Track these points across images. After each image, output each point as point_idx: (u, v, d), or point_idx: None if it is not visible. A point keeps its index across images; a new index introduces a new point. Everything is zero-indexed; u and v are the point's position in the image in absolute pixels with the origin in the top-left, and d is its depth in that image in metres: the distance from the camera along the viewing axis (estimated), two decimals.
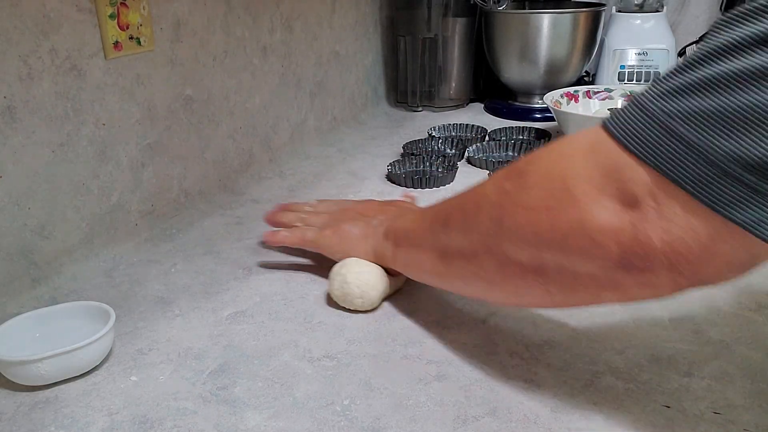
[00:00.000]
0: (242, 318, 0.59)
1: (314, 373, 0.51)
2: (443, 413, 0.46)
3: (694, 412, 0.45)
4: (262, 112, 0.97)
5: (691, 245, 0.35)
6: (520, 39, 1.20)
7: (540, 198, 0.41)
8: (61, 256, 0.66)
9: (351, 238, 0.63)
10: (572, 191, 0.39)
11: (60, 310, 0.55)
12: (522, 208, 0.42)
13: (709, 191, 0.33)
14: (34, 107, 0.61)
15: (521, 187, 0.43)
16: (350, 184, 0.92)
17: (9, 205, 0.60)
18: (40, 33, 0.61)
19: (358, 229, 0.63)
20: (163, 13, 0.76)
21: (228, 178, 0.91)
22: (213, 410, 0.47)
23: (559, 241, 0.40)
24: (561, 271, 0.41)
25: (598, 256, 0.38)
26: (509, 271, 0.45)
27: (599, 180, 0.38)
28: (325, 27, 1.12)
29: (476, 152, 0.99)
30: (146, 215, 0.77)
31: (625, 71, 1.27)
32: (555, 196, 0.40)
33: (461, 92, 1.33)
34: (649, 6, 1.29)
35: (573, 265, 0.40)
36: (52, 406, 0.48)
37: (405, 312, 0.59)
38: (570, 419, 0.45)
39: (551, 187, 0.41)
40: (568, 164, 0.41)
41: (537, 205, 0.41)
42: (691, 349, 0.52)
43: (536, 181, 0.42)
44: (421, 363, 0.52)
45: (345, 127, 1.21)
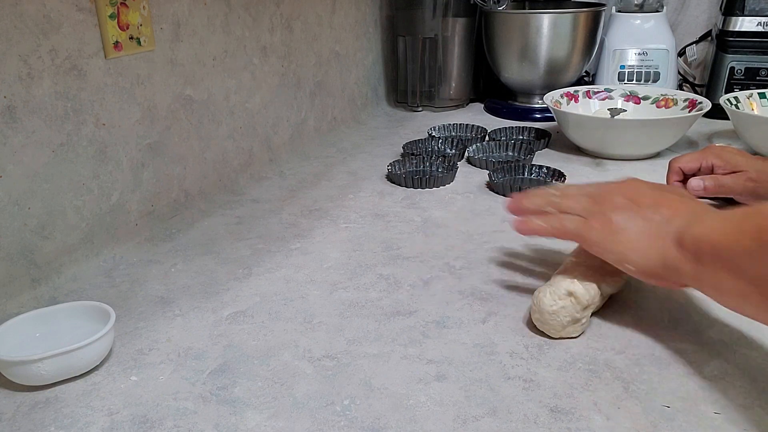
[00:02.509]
0: (242, 318, 0.59)
1: (314, 373, 0.51)
2: (443, 413, 0.46)
3: (694, 412, 0.45)
4: (262, 112, 0.97)
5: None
6: (520, 39, 1.20)
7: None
8: (61, 256, 0.66)
9: (629, 236, 0.51)
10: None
11: (60, 310, 0.55)
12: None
13: None
14: (34, 107, 0.61)
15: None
16: (350, 184, 0.92)
17: (9, 205, 0.60)
18: (40, 33, 0.61)
19: (636, 224, 0.50)
20: (163, 13, 0.76)
21: (228, 178, 0.91)
22: (213, 410, 0.47)
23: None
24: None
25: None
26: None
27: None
28: (325, 27, 1.12)
29: (476, 152, 0.99)
30: (146, 215, 0.77)
31: (625, 71, 1.27)
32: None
33: (461, 92, 1.33)
34: (649, 6, 1.29)
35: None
36: (52, 406, 0.48)
37: (405, 312, 0.59)
38: (570, 419, 0.45)
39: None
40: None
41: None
42: (691, 349, 0.52)
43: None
44: (421, 363, 0.52)
45: (345, 127, 1.21)
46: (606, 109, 1.10)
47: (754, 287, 0.41)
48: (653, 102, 1.08)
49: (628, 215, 0.52)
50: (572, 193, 0.57)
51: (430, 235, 0.75)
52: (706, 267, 0.45)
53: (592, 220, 0.53)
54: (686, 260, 0.47)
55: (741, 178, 0.75)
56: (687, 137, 1.06)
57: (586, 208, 0.55)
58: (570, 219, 0.55)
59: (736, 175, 0.76)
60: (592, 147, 1.00)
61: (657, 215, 0.51)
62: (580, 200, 0.56)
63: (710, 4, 1.35)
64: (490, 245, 0.72)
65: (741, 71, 1.18)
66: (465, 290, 0.62)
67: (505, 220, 0.78)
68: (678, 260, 0.47)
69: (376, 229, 0.77)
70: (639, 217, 0.51)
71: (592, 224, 0.53)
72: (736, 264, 0.42)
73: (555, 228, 0.55)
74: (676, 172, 0.80)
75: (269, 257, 0.71)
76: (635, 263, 0.50)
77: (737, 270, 0.42)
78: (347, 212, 0.82)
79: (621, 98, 1.11)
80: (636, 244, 0.50)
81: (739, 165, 0.76)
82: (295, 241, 0.75)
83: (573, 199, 0.56)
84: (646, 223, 0.50)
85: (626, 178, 0.57)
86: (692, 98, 1.03)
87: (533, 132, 1.08)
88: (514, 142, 1.02)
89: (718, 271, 0.44)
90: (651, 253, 0.49)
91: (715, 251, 0.44)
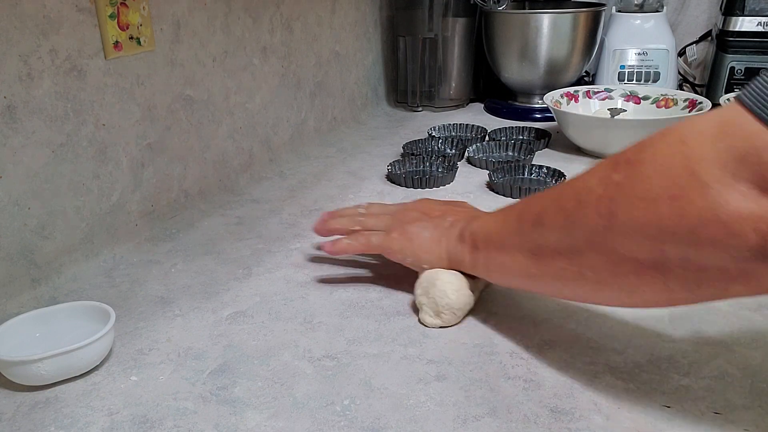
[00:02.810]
0: (242, 318, 0.59)
1: (314, 373, 0.51)
2: (443, 413, 0.46)
3: (694, 412, 0.45)
4: (262, 112, 0.97)
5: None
6: (520, 39, 1.20)
7: (661, 187, 0.38)
8: (61, 256, 0.66)
9: (422, 240, 0.59)
10: (701, 177, 0.36)
11: (60, 310, 0.55)
12: (639, 200, 0.39)
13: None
14: (34, 107, 0.61)
15: (635, 177, 0.40)
16: (350, 184, 0.92)
17: (9, 205, 0.60)
18: (40, 33, 0.61)
19: (428, 231, 0.59)
20: (163, 14, 0.76)
21: (228, 178, 0.91)
22: (213, 410, 0.47)
23: (686, 232, 0.37)
24: (685, 264, 0.38)
25: (732, 246, 0.35)
26: (623, 268, 0.42)
27: (733, 164, 0.35)
28: (325, 27, 1.12)
29: (476, 152, 0.99)
30: (146, 215, 0.77)
31: (625, 71, 1.27)
32: (679, 184, 0.37)
33: (461, 92, 1.33)
34: (649, 6, 1.29)
35: (700, 258, 0.37)
36: (52, 406, 0.48)
37: (405, 312, 0.59)
38: (570, 419, 0.45)
39: (673, 174, 0.38)
40: (691, 149, 0.37)
41: (658, 195, 0.38)
42: (691, 349, 0.52)
43: (654, 169, 0.39)
44: (421, 363, 0.52)
45: (345, 127, 1.21)
46: (606, 109, 1.10)
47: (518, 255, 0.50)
48: (653, 102, 1.08)
49: (422, 225, 0.60)
50: (375, 212, 0.66)
51: None
52: (481, 252, 0.54)
53: (393, 232, 0.61)
54: (466, 251, 0.56)
55: None
56: None
57: (387, 224, 0.63)
58: (375, 234, 0.62)
59: None
60: (592, 147, 1.00)
61: (444, 222, 0.60)
62: (382, 218, 0.64)
63: (710, 4, 1.35)
64: None
65: (741, 71, 1.18)
66: None
67: None
68: (459, 252, 0.56)
69: None
70: (430, 225, 0.60)
71: (392, 236, 0.61)
72: (506, 242, 0.51)
73: (362, 244, 0.63)
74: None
75: (269, 257, 0.71)
76: (428, 262, 0.58)
77: (508, 246, 0.51)
78: None
79: (621, 98, 1.11)
80: (428, 247, 0.59)
81: None
82: (295, 241, 0.75)
83: (376, 218, 0.65)
84: (436, 229, 0.59)
85: (420, 199, 0.68)
86: (692, 98, 1.03)
87: (533, 132, 1.08)
88: (514, 142, 1.02)
89: (492, 252, 0.53)
90: (440, 252, 0.58)
91: (488, 237, 0.54)
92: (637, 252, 0.40)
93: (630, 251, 0.41)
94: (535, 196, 0.52)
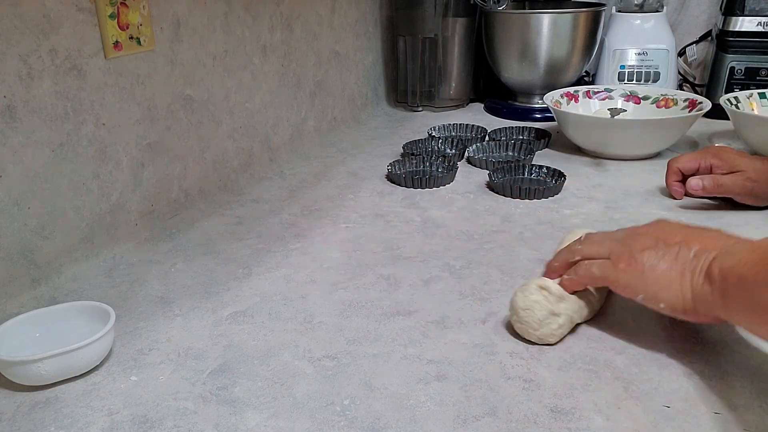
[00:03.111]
0: (242, 318, 0.59)
1: (314, 373, 0.51)
2: (443, 413, 0.46)
3: (694, 412, 0.45)
4: (262, 112, 0.97)
5: None
6: (520, 39, 1.20)
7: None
8: (61, 256, 0.66)
9: (657, 274, 0.50)
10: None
11: (60, 310, 0.55)
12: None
13: None
14: (34, 107, 0.61)
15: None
16: (350, 184, 0.92)
17: (9, 205, 0.60)
18: (40, 33, 0.61)
19: (665, 262, 0.50)
20: (163, 13, 0.76)
21: (228, 178, 0.91)
22: (213, 410, 0.47)
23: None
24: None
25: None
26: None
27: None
28: (325, 27, 1.12)
29: (476, 152, 0.99)
30: (146, 215, 0.77)
31: (625, 71, 1.27)
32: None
33: (461, 92, 1.33)
34: (649, 6, 1.29)
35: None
36: (52, 406, 0.48)
37: (405, 312, 0.59)
38: (570, 419, 0.45)
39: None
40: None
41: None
42: (691, 349, 0.52)
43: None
44: (421, 363, 0.52)
45: (345, 127, 1.21)
46: (606, 109, 1.10)
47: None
48: (653, 102, 1.08)
49: (657, 254, 0.51)
50: (597, 239, 0.57)
51: (430, 235, 0.75)
52: (733, 300, 0.45)
53: (620, 262, 0.52)
54: (714, 293, 0.46)
55: (739, 177, 0.76)
56: (687, 137, 1.06)
57: (612, 250, 0.53)
58: (597, 264, 0.53)
59: (735, 174, 0.76)
60: (592, 147, 1.00)
61: (686, 251, 0.50)
62: (606, 244, 0.55)
63: (710, 4, 1.35)
64: (490, 245, 0.72)
65: (741, 71, 1.18)
66: (465, 290, 0.62)
67: (505, 220, 0.78)
68: (707, 294, 0.47)
69: (376, 229, 0.77)
70: (668, 255, 0.50)
71: (619, 266, 0.52)
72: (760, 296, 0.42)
73: (582, 276, 0.54)
74: (675, 172, 0.80)
75: (269, 257, 0.71)
76: (666, 301, 0.49)
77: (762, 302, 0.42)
78: (347, 212, 0.82)
79: (621, 98, 1.11)
80: (665, 283, 0.49)
81: (737, 165, 0.76)
82: (295, 241, 0.75)
83: (597, 245, 0.55)
84: (676, 261, 0.50)
85: (655, 220, 0.57)
86: (692, 98, 1.03)
87: (533, 132, 1.08)
88: (514, 142, 1.02)
89: (745, 303, 0.44)
90: (681, 290, 0.49)
91: (741, 283, 0.44)
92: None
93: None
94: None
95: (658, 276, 0.50)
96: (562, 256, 0.58)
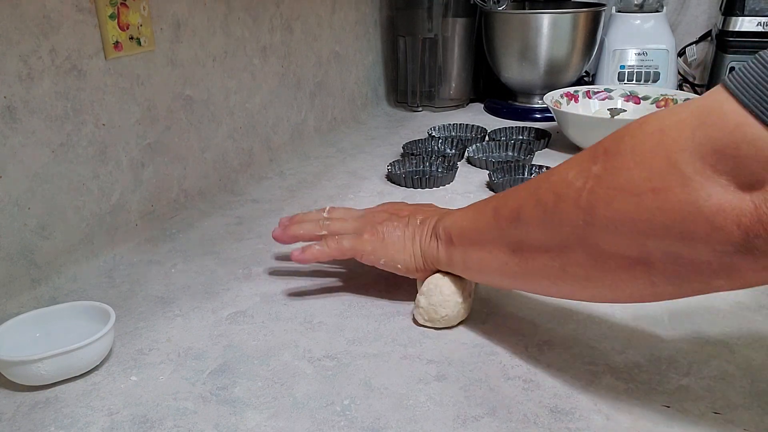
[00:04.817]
0: (242, 318, 0.59)
1: (314, 373, 0.51)
2: (443, 413, 0.46)
3: (694, 412, 0.45)
4: (262, 112, 0.97)
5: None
6: (520, 39, 1.20)
7: (641, 179, 0.37)
8: (61, 256, 0.66)
9: (394, 239, 0.58)
10: (681, 169, 0.35)
11: (60, 310, 0.55)
12: (619, 192, 0.38)
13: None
14: (34, 107, 0.61)
15: (614, 168, 0.39)
16: (350, 184, 0.92)
17: (9, 205, 0.60)
18: (40, 33, 0.61)
19: (399, 230, 0.58)
20: (163, 14, 0.76)
21: (228, 178, 0.91)
22: (213, 410, 0.47)
23: (668, 226, 0.36)
24: (669, 259, 0.37)
25: (715, 240, 0.35)
26: (607, 264, 0.40)
27: (712, 156, 0.34)
28: (325, 27, 1.12)
29: (476, 152, 0.99)
30: (146, 215, 0.77)
31: (625, 71, 1.27)
32: (659, 176, 0.36)
33: (461, 92, 1.33)
34: (649, 6, 1.29)
35: (683, 252, 0.36)
36: (52, 406, 0.48)
37: (405, 312, 0.59)
38: (570, 419, 0.45)
39: (653, 165, 0.36)
40: (671, 138, 0.36)
41: (638, 188, 0.37)
42: (691, 349, 0.52)
43: (633, 160, 0.38)
44: (421, 363, 0.52)
45: (345, 127, 1.21)
46: (606, 109, 1.10)
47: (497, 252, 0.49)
48: (653, 102, 1.08)
49: (393, 224, 0.59)
50: (341, 215, 0.64)
51: None
52: (457, 247, 0.53)
53: (364, 234, 0.59)
54: (441, 247, 0.55)
55: None
56: None
57: (356, 226, 0.61)
58: (346, 238, 0.60)
59: None
60: None
61: (415, 220, 0.58)
62: (350, 221, 0.62)
63: (710, 4, 1.36)
64: None
65: None
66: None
67: None
68: (434, 249, 0.55)
69: None
70: (401, 223, 0.59)
71: (364, 238, 0.59)
72: (483, 237, 0.50)
73: (334, 249, 0.60)
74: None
75: (269, 257, 0.71)
76: (402, 262, 0.58)
77: (485, 241, 0.50)
78: None
79: (621, 98, 1.11)
80: (400, 246, 0.57)
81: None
82: None
83: (343, 221, 0.62)
84: (408, 227, 0.58)
85: (385, 202, 0.67)
86: (692, 98, 1.03)
87: (533, 132, 1.08)
88: (514, 142, 1.02)
89: (468, 247, 0.52)
90: (413, 250, 0.57)
91: (463, 232, 0.53)
92: (619, 247, 0.39)
93: (612, 246, 0.40)
94: (511, 190, 0.50)
95: (394, 241, 0.58)
96: (307, 227, 0.63)
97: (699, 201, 0.35)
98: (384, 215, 0.61)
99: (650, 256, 0.38)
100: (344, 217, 0.63)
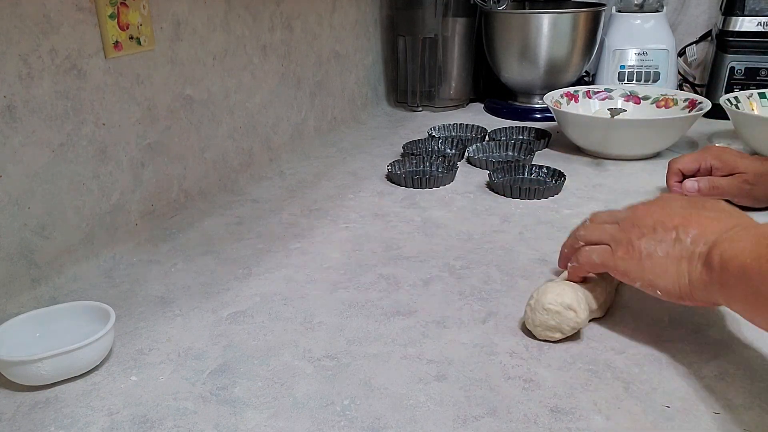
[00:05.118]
0: (242, 318, 0.59)
1: (314, 373, 0.51)
2: (443, 413, 0.46)
3: (694, 412, 0.45)
4: (262, 112, 0.97)
5: None
6: (520, 39, 1.20)
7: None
8: (61, 256, 0.66)
9: (654, 261, 0.49)
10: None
11: (60, 310, 0.55)
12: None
13: None
14: (34, 107, 0.61)
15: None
16: (350, 184, 0.92)
17: (9, 205, 0.60)
18: (40, 33, 0.61)
19: (662, 248, 0.49)
20: (163, 13, 0.76)
21: (228, 178, 0.91)
22: (213, 410, 0.47)
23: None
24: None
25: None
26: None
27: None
28: (325, 26, 1.12)
29: (476, 152, 0.99)
30: (146, 215, 0.77)
31: (625, 71, 1.27)
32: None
33: (461, 92, 1.33)
34: (649, 6, 1.29)
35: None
36: (52, 406, 0.48)
37: (405, 312, 0.59)
38: (570, 419, 0.45)
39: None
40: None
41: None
42: (691, 349, 0.52)
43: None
44: (421, 363, 0.52)
45: (345, 127, 1.21)
46: (606, 109, 1.10)
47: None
48: (653, 102, 1.08)
49: (654, 240, 0.50)
50: (600, 221, 0.57)
51: (430, 235, 0.75)
52: (733, 289, 0.44)
53: (618, 249, 0.52)
54: (713, 280, 0.46)
55: (737, 180, 0.76)
56: (687, 137, 1.06)
57: (613, 236, 0.53)
58: (596, 251, 0.54)
59: (732, 177, 0.76)
60: (592, 147, 1.00)
61: (684, 236, 0.49)
62: (607, 229, 0.55)
63: (710, 4, 1.36)
64: (490, 245, 0.72)
65: (741, 71, 1.18)
66: (465, 290, 0.62)
67: (505, 220, 0.78)
68: (705, 281, 0.46)
69: (376, 229, 0.77)
70: (665, 240, 0.50)
71: (618, 254, 0.52)
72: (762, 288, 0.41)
73: (583, 264, 0.55)
74: (676, 172, 0.80)
75: (269, 257, 0.71)
76: (663, 288, 0.49)
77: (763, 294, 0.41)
78: (347, 212, 0.82)
79: (621, 98, 1.11)
80: (662, 269, 0.49)
81: (737, 167, 0.76)
82: (295, 241, 0.75)
83: (600, 229, 0.55)
84: (673, 247, 0.49)
85: (659, 197, 0.56)
86: (692, 98, 1.03)
87: (533, 132, 1.08)
88: (514, 142, 1.02)
89: (746, 293, 0.43)
90: (677, 277, 0.48)
91: (743, 274, 0.43)
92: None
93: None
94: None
95: (654, 263, 0.49)
96: (569, 242, 0.59)
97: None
98: (648, 224, 0.51)
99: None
100: (603, 223, 0.56)
